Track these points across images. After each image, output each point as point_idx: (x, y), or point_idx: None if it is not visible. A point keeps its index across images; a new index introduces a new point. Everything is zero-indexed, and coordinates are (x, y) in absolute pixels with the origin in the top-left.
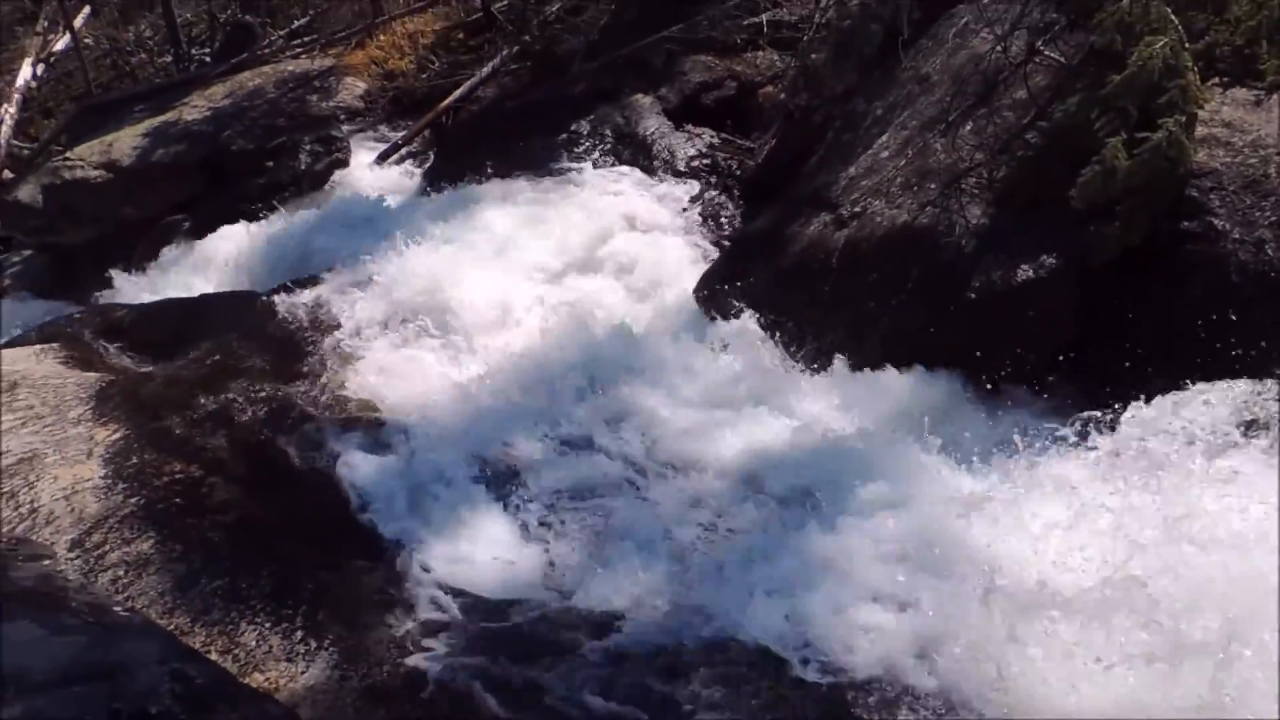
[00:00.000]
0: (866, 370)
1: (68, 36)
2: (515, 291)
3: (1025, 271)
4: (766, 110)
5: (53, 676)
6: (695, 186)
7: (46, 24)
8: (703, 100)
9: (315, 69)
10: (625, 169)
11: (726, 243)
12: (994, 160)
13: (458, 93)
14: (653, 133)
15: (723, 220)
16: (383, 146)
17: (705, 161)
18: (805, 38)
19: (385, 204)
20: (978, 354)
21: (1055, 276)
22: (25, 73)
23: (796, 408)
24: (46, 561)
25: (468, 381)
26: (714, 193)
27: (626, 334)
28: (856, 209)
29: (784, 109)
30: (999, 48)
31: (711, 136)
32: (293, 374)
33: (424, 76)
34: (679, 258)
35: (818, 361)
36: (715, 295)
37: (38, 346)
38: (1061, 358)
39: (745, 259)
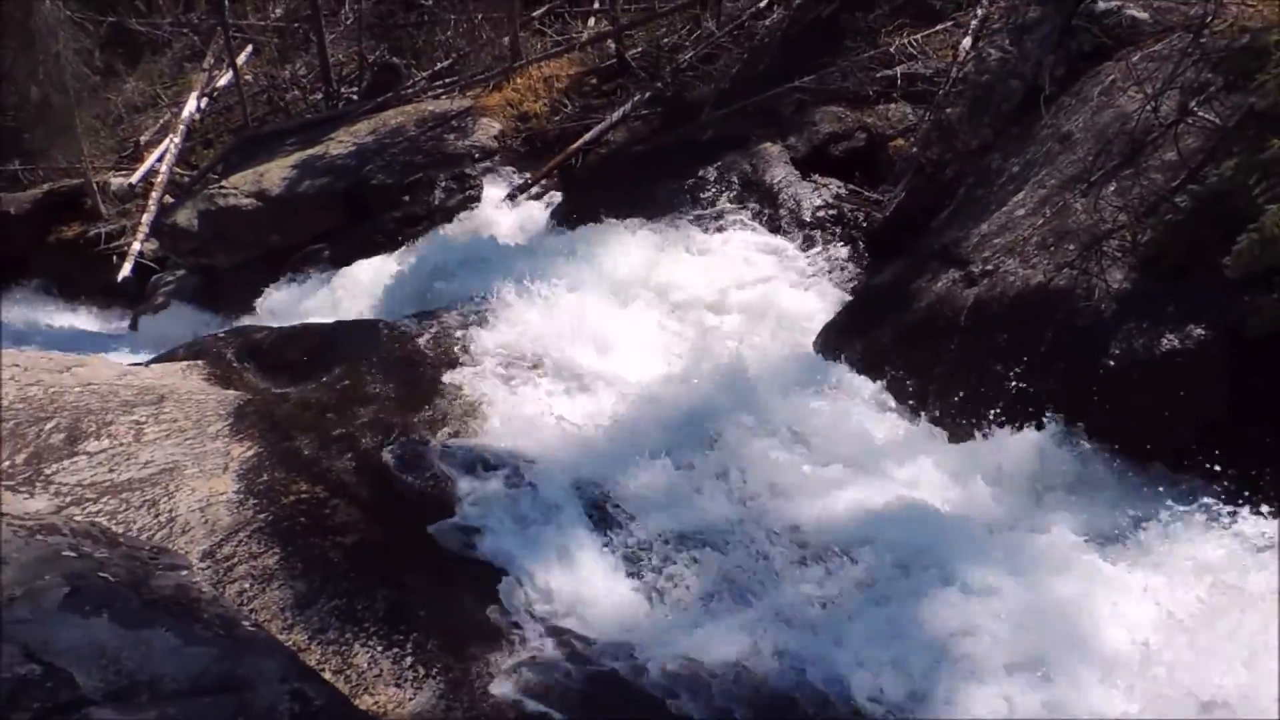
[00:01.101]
0: (992, 434)
1: (230, 73)
2: (635, 332)
3: (1170, 341)
4: (897, 163)
5: (184, 686)
6: (820, 236)
7: (212, 61)
8: (831, 150)
9: (454, 109)
10: (750, 216)
11: (849, 295)
12: (1139, 223)
13: (588, 135)
14: (779, 181)
15: (846, 272)
16: (513, 185)
17: (831, 212)
18: (941, 91)
19: (513, 241)
20: (1114, 425)
21: (1204, 348)
22: (191, 106)
23: (915, 468)
24: (184, 572)
25: (584, 419)
26: (839, 244)
27: (743, 381)
28: (988, 267)
29: (915, 162)
30: (1148, 107)
31: (839, 187)
32: (416, 402)
33: (556, 119)
34: (800, 307)
35: (940, 422)
36: (835, 347)
37: (185, 362)
38: (1207, 435)
39: (868, 312)
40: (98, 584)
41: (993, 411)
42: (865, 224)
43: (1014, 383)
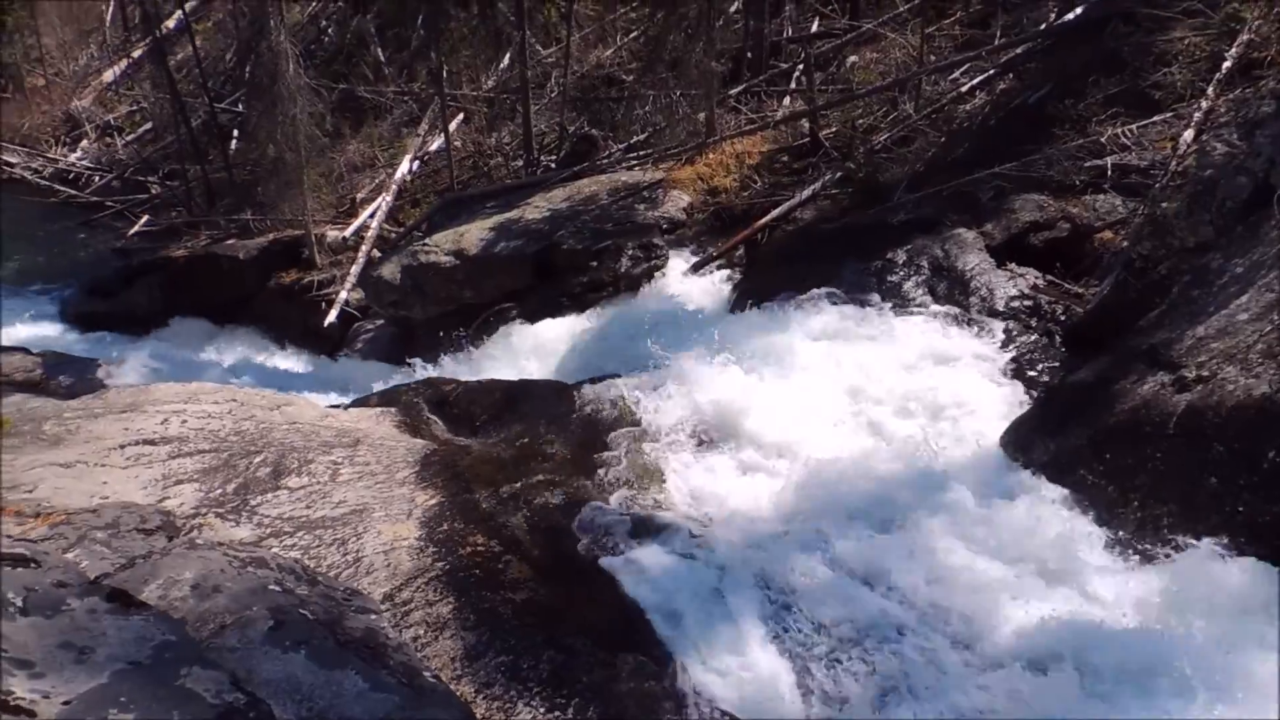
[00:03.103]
0: (1199, 554)
1: (442, 139)
2: (814, 413)
3: None
4: (1103, 256)
5: None
6: (1013, 327)
7: (426, 127)
8: (1030, 240)
9: (646, 180)
10: (940, 302)
11: (1042, 391)
12: None
13: (776, 211)
14: (972, 268)
15: (1040, 366)
16: (698, 257)
17: (1027, 303)
18: (1157, 185)
19: (695, 312)
20: None
21: None
22: (404, 167)
23: (1113, 581)
24: (373, 616)
25: (758, 495)
26: (1033, 336)
27: (925, 472)
28: (1203, 372)
29: (1124, 257)
30: None
31: (1036, 278)
32: (591, 465)
33: (745, 194)
34: (988, 399)
35: (1141, 535)
36: (1025, 445)
37: (379, 408)
38: None
39: (1063, 411)
40: (298, 620)
41: (1202, 530)
42: (1064, 317)
43: (1228, 501)
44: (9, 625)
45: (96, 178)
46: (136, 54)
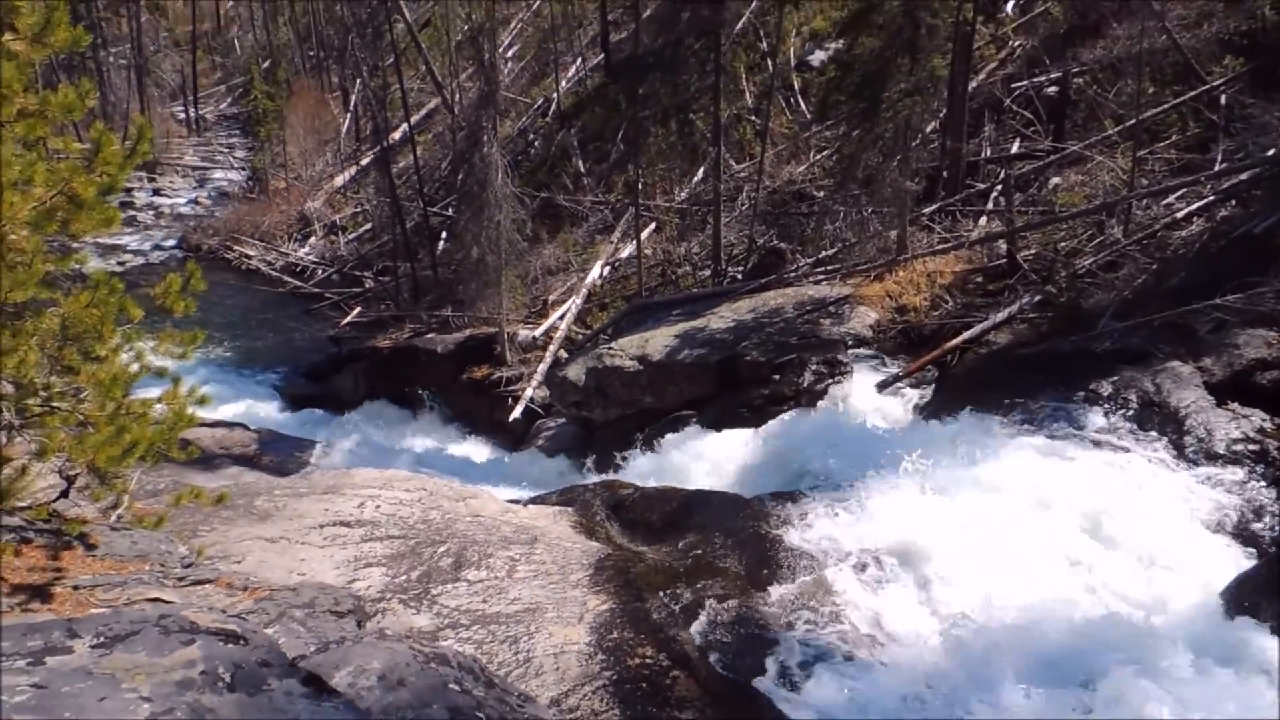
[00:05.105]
0: None
1: (633, 246)
2: (1004, 547)
3: None
4: None
5: None
6: (1236, 474)
7: (619, 235)
8: (1257, 378)
9: (832, 295)
10: (1150, 441)
11: (1271, 545)
12: None
13: (968, 333)
14: (1188, 406)
15: (1268, 518)
16: (884, 375)
17: (1252, 447)
18: None
19: (879, 432)
20: None
21: None
22: (595, 272)
23: None
24: None
25: (941, 633)
26: (1260, 484)
27: (1132, 624)
28: None
29: None
30: None
31: (1263, 420)
32: (765, 583)
33: (935, 313)
34: (1206, 550)
35: None
36: (1251, 605)
37: (556, 507)
38: None
39: None
40: None
41: None
42: None
43: None
44: (218, 699)
45: (319, 271)
46: (364, 161)
